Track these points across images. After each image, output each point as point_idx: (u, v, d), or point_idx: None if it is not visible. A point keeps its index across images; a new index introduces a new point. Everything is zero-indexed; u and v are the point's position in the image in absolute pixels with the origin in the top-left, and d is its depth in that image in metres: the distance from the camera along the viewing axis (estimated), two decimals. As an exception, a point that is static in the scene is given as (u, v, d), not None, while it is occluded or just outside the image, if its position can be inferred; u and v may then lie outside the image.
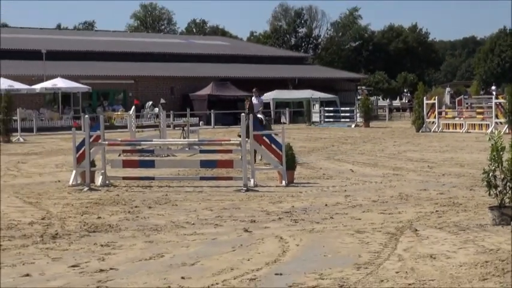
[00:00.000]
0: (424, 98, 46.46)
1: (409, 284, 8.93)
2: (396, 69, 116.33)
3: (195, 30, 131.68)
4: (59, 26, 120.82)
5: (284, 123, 57.79)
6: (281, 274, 9.59)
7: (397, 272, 9.50)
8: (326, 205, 15.65)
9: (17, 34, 72.35)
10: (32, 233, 12.90)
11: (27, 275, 9.77)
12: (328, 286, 8.98)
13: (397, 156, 27.18)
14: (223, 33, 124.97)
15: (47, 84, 56.45)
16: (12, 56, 62.14)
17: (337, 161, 25.77)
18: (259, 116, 24.59)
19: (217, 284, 9.17)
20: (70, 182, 19.72)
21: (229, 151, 20.70)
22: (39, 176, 22.71)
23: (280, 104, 65.33)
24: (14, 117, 42.22)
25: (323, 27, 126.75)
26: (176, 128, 40.47)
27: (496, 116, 41.91)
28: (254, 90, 26.71)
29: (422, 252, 10.67)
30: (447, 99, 70.96)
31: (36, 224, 13.96)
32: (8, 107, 40.95)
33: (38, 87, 56.04)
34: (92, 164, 19.64)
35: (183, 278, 9.48)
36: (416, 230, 12.45)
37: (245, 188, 18.16)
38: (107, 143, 20.25)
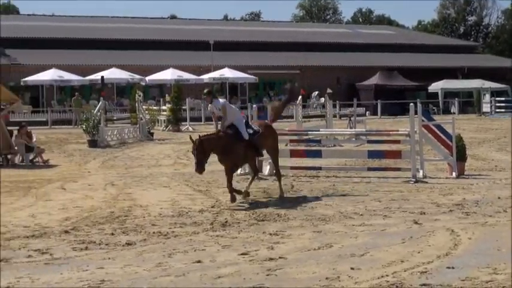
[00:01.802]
0: None
1: None
2: None
3: (361, 20, 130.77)
4: (226, 17, 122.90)
5: (453, 113, 56.51)
6: (453, 268, 9.32)
7: None
8: (499, 198, 15.13)
9: (185, 25, 74.11)
10: (203, 221, 13.14)
11: (199, 261, 9.94)
12: (503, 282, 8.64)
13: None
14: (390, 22, 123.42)
15: (215, 74, 57.55)
16: (180, 47, 63.73)
17: (510, 153, 24.87)
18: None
19: (387, 275, 9.01)
20: (238, 171, 19.95)
21: (397, 141, 20.37)
22: (208, 165, 23.05)
23: (449, 94, 63.89)
24: (183, 107, 43.22)
25: (493, 15, 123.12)
26: (342, 118, 40.34)
27: None
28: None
29: None
30: None
31: (206, 211, 14.22)
32: (178, 97, 41.94)
33: (205, 77, 57.22)
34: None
35: (352, 268, 9.37)
36: None
37: (414, 179, 17.84)
38: (274, 132, 20.32)
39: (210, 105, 15.95)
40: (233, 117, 15.70)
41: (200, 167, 15.06)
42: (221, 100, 15.96)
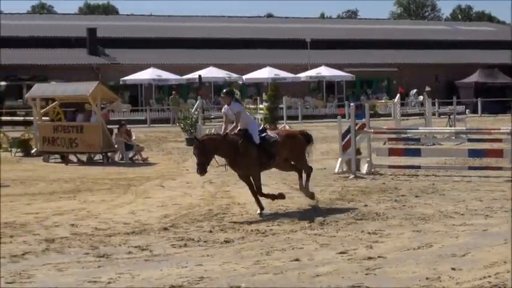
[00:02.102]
0: None
1: None
2: None
3: (460, 17, 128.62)
4: (322, 15, 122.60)
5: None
6: (559, 270, 9.03)
7: None
8: None
9: (282, 24, 74.17)
10: (300, 219, 13.09)
11: (297, 259, 9.90)
12: None
13: None
14: (490, 18, 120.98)
15: (312, 72, 57.47)
16: (277, 46, 63.79)
17: None
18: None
19: (489, 276, 8.80)
20: (336, 170, 19.84)
21: (499, 140, 19.90)
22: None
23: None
24: (280, 106, 43.26)
25: None
26: (442, 116, 39.69)
27: None
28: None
29: None
30: None
31: (304, 210, 14.17)
32: (275, 95, 41.97)
33: (302, 75, 57.20)
34: (357, 152, 19.64)
35: (453, 269, 9.18)
36: None
37: (516, 179, 17.38)
38: (372, 131, 20.18)
39: (226, 106, 14.54)
40: (245, 124, 14.39)
41: (201, 169, 13.73)
42: (238, 105, 14.53)
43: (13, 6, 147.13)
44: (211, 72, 54.15)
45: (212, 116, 45.78)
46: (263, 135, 14.49)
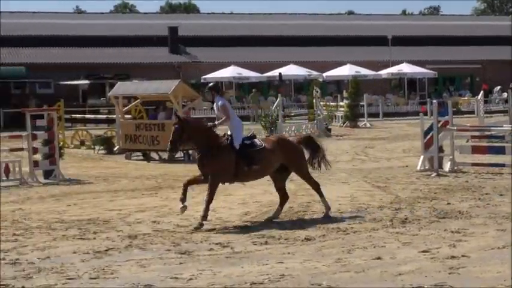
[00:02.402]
0: None
1: None
2: None
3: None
4: (404, 12, 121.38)
5: None
6: None
7: None
8: None
9: (363, 21, 73.66)
10: (382, 217, 12.97)
11: (378, 258, 9.80)
12: None
13: None
14: None
15: (393, 69, 56.93)
16: (358, 43, 63.39)
17: None
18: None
19: None
20: (418, 167, 19.59)
21: None
22: (387, 161, 22.88)
23: None
24: (361, 103, 43.01)
25: None
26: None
27: None
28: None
29: None
30: None
31: (386, 208, 14.03)
32: (355, 92, 41.77)
33: (383, 72, 56.73)
34: (440, 149, 19.37)
35: (541, 269, 8.97)
36: None
37: None
38: (455, 128, 19.88)
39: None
40: (232, 120, 13.26)
41: (172, 147, 12.94)
42: (222, 99, 13.42)
43: (96, 6, 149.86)
44: (291, 70, 54.14)
45: (292, 114, 45.83)
46: (247, 142, 13.16)
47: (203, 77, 53.06)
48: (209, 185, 12.87)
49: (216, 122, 13.26)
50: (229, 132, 13.23)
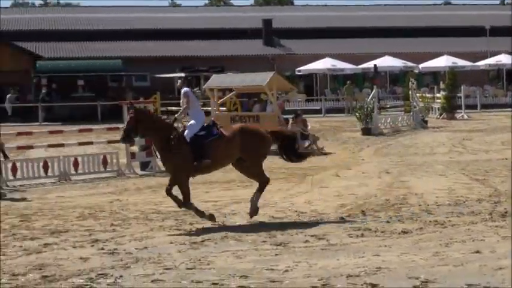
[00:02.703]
0: None
1: None
2: None
3: None
4: (502, 2, 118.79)
5: None
6: None
7: None
8: None
9: (460, 11, 72.33)
10: (481, 210, 12.72)
11: (477, 251, 9.58)
12: None
13: None
14: None
15: (491, 60, 55.72)
16: (454, 33, 62.22)
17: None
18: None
19: None
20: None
21: None
22: (485, 154, 22.41)
23: None
24: (458, 94, 42.26)
25: None
26: None
27: None
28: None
29: None
30: None
31: (484, 201, 13.74)
32: (453, 84, 41.08)
33: (481, 64, 55.59)
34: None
35: None
36: None
37: None
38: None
39: None
40: (193, 109, 12.80)
41: (125, 136, 12.59)
42: (185, 89, 13.08)
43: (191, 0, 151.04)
44: (386, 61, 53.59)
45: (388, 106, 45.28)
46: (201, 133, 12.51)
47: (297, 69, 53.01)
48: (178, 185, 12.51)
49: (177, 115, 13.01)
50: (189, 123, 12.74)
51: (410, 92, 35.89)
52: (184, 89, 12.99)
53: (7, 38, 50.62)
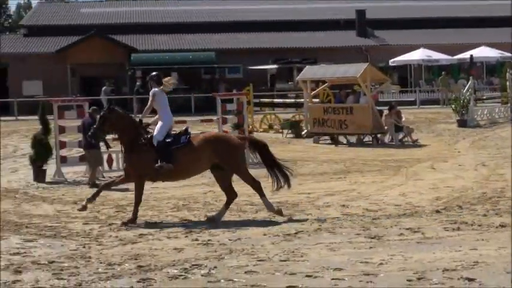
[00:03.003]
0: None
1: None
2: None
3: None
4: None
5: None
6: None
7: None
8: None
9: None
10: None
11: None
12: None
13: None
14: None
15: None
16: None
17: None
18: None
19: None
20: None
21: None
22: None
23: None
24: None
25: None
26: None
27: None
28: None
29: None
30: None
31: None
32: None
33: None
34: None
35: None
36: None
37: None
38: None
39: None
40: (160, 111, 12.85)
41: (91, 134, 12.66)
42: (154, 89, 12.81)
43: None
44: (483, 52, 52.47)
45: (484, 97, 44.44)
46: (169, 140, 12.40)
47: (391, 60, 52.42)
48: (134, 185, 12.48)
49: (141, 115, 13.04)
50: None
51: (507, 83, 35.06)
52: (153, 90, 12.83)
53: (102, 31, 51.55)
